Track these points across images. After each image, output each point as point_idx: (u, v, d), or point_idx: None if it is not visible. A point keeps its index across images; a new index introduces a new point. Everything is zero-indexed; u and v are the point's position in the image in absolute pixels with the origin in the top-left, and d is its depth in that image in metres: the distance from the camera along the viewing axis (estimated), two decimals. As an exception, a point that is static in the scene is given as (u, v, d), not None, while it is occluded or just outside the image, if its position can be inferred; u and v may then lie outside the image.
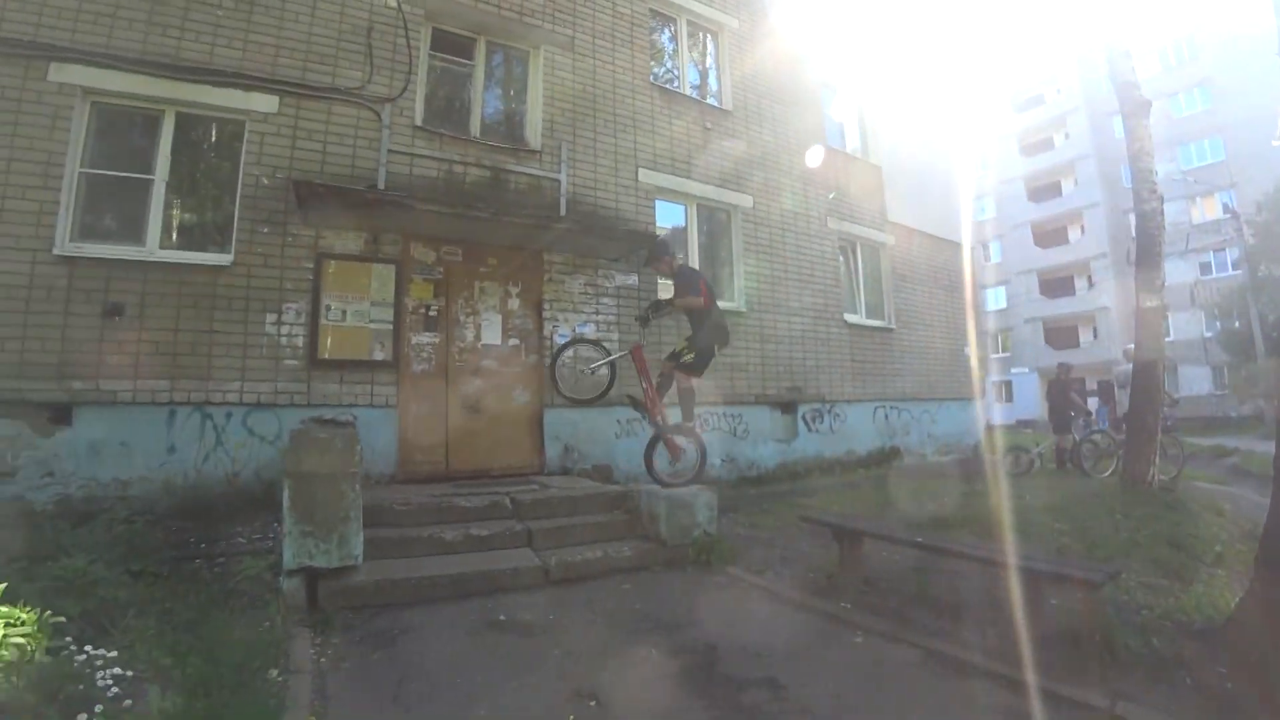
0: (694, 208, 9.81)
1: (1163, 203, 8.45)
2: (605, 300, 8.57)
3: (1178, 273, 29.95)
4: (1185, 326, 33.68)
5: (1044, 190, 42.10)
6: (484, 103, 8.50)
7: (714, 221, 10.17)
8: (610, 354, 7.10)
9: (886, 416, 11.79)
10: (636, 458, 8.34)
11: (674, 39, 10.36)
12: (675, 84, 10.17)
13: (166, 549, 5.10)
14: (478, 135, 8.23)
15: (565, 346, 7.41)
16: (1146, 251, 8.26)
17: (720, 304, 9.65)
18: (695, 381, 6.82)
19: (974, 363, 13.92)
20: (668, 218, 9.59)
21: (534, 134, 8.48)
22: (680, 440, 6.65)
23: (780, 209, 10.61)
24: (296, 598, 4.34)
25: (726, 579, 5.42)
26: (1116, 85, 8.67)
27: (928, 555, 5.11)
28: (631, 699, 3.39)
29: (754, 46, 10.86)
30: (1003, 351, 41.95)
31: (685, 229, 9.77)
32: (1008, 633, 3.93)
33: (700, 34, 10.71)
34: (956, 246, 14.12)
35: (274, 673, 3.51)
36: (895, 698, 3.45)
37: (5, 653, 2.57)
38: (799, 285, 10.62)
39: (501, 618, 4.42)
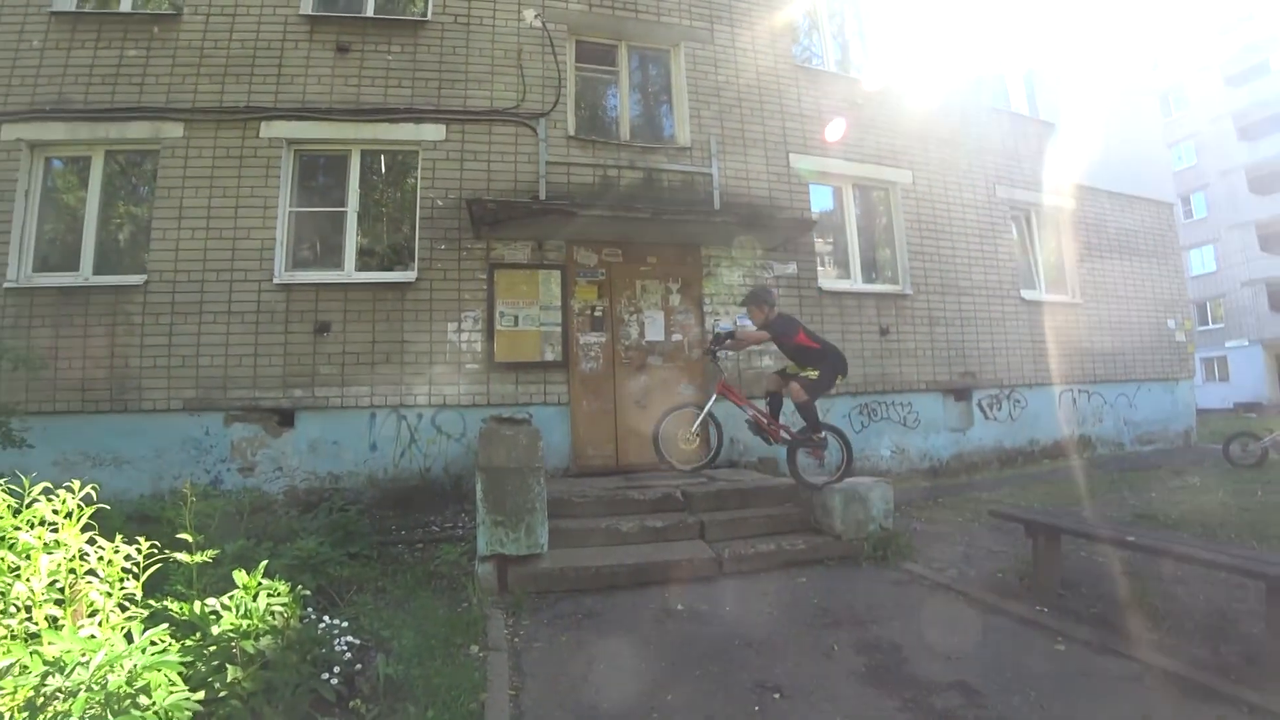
0: (849, 188, 9.39)
1: None
2: (765, 292, 8.42)
3: None
4: None
5: (1260, 125, 34.75)
6: (631, 106, 8.69)
7: (871, 201, 9.68)
8: (703, 407, 6.21)
9: (1075, 401, 10.61)
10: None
11: (810, 15, 9.93)
12: (818, 62, 9.79)
13: (373, 534, 5.72)
14: (628, 138, 8.44)
15: (662, 421, 6.29)
16: None
17: (884, 286, 9.33)
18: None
19: (1181, 337, 12.20)
20: (821, 201, 9.27)
21: (682, 131, 8.54)
22: (815, 440, 6.13)
23: (942, 181, 9.88)
24: (489, 582, 4.67)
25: (906, 576, 5.14)
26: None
27: (1139, 557, 4.56)
28: (816, 694, 3.28)
29: (897, 9, 10.19)
30: (1214, 323, 35.68)
31: (841, 212, 9.38)
32: (1251, 652, 3.39)
33: (838, 2, 10.20)
34: (1153, 205, 12.34)
35: (475, 649, 3.79)
36: (1110, 716, 3.05)
37: (272, 618, 2.97)
38: (968, 262, 9.84)
39: (679, 607, 4.47)
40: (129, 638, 2.22)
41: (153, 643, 2.13)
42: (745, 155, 8.61)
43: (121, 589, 2.56)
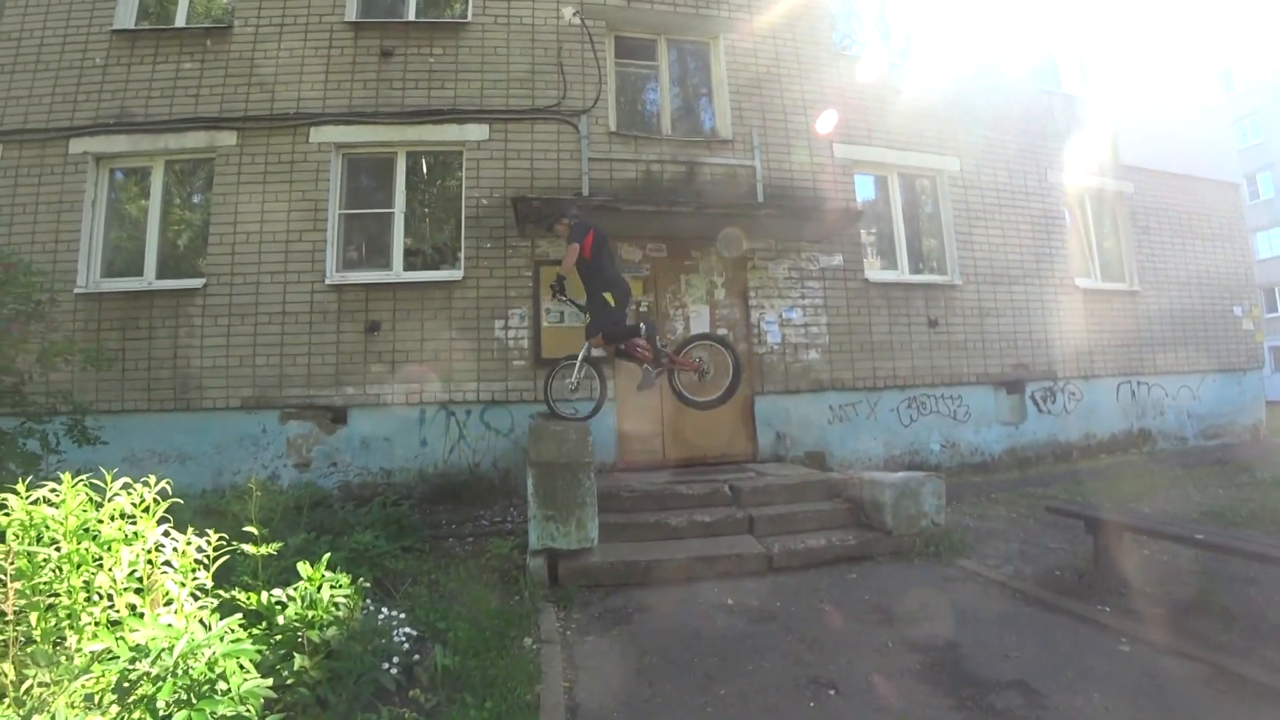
0: (894, 177, 9.19)
1: None
2: (810, 284, 8.32)
3: None
4: None
5: (1330, 98, 33.13)
6: (671, 100, 8.65)
7: (917, 190, 9.47)
8: (577, 356, 6.37)
9: (1133, 394, 10.19)
10: (851, 444, 8.12)
11: (849, 0, 9.71)
12: (859, 48, 9.57)
13: (425, 528, 5.84)
14: (669, 132, 8.41)
15: (551, 374, 6.64)
16: None
17: (932, 277, 9.12)
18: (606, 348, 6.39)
19: (1249, 325, 11.61)
20: (865, 191, 9.09)
21: (723, 123, 8.47)
22: (695, 354, 6.32)
23: (991, 167, 9.60)
24: (540, 575, 4.73)
25: (960, 573, 5.03)
26: None
27: (1207, 556, 4.39)
28: (872, 691, 3.24)
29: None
30: (1282, 310, 34.07)
31: (886, 202, 9.18)
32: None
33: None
34: (1217, 185, 11.70)
35: (528, 641, 3.85)
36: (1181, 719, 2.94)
37: (335, 609, 3.05)
38: (1020, 250, 9.54)
39: (729, 602, 4.46)
40: (205, 625, 2.30)
41: (227, 630, 2.21)
42: (788, 146, 8.49)
43: (193, 579, 2.66)
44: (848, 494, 5.96)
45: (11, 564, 2.13)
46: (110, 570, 2.38)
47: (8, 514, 2.36)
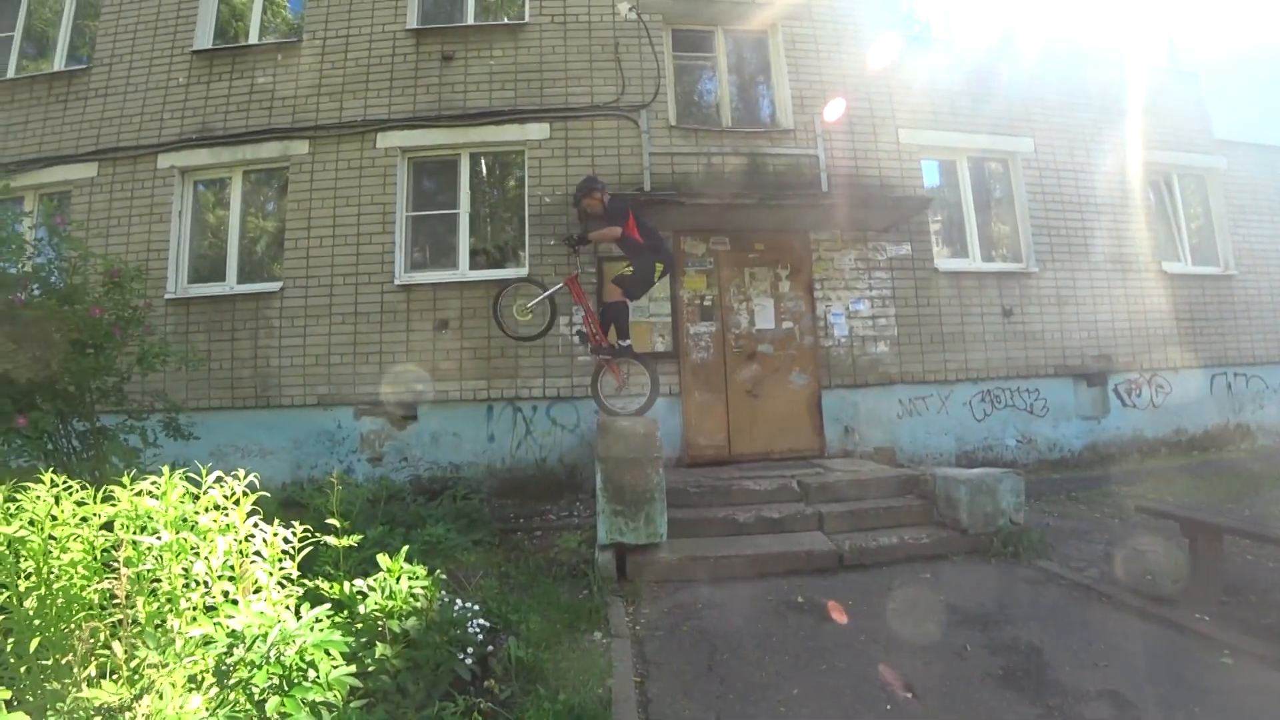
0: (963, 161, 8.81)
1: None
2: (878, 274, 8.08)
3: None
4: None
5: None
6: (730, 91, 8.54)
7: (988, 174, 9.07)
8: (546, 289, 6.72)
9: (1229, 385, 9.50)
10: (921, 439, 7.88)
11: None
12: (923, 29, 9.24)
13: (494, 522, 5.95)
14: (730, 124, 8.30)
15: (503, 288, 6.98)
16: None
17: (1005, 265, 8.74)
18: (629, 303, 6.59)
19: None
20: (932, 177, 8.76)
21: (784, 113, 8.29)
22: (623, 366, 6.64)
23: (1068, 147, 9.10)
24: (608, 570, 4.74)
25: (1041, 574, 4.81)
26: None
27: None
28: (950, 695, 3.12)
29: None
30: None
31: (956, 187, 8.81)
32: None
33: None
34: None
35: (598, 635, 3.87)
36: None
37: (414, 600, 3.12)
38: (1100, 234, 9.01)
39: (799, 600, 4.39)
40: (296, 613, 2.39)
41: (317, 620, 2.29)
42: (851, 134, 8.25)
43: (280, 568, 2.77)
44: (920, 490, 5.79)
45: (121, 551, 2.26)
46: (207, 559, 2.50)
47: (115, 505, 2.51)
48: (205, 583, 2.52)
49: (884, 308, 8.01)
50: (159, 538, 2.44)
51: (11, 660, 2.22)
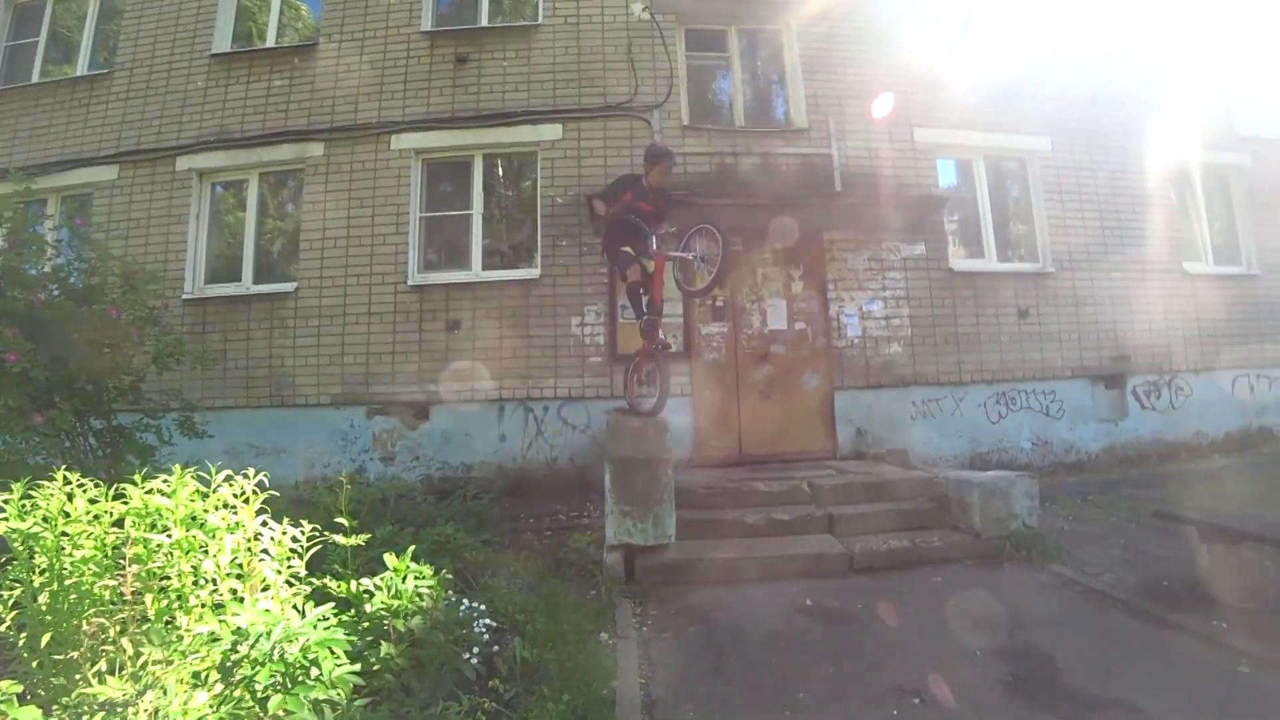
0: (979, 161, 8.71)
1: None
2: (892, 274, 8.01)
3: None
4: None
5: None
6: (744, 91, 8.52)
7: (1004, 173, 8.96)
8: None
9: (1252, 388, 9.29)
10: (934, 441, 7.80)
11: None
12: (936, 26, 9.09)
13: (504, 521, 5.94)
14: (743, 124, 8.28)
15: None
16: None
17: (1021, 265, 8.61)
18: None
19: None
20: (948, 176, 8.67)
21: (798, 112, 8.25)
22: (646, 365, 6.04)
23: (1086, 146, 8.95)
24: (616, 570, 4.73)
25: (1054, 579, 4.73)
26: None
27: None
28: (960, 701, 3.08)
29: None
30: None
31: (971, 186, 8.71)
32: None
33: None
34: None
35: (604, 636, 3.86)
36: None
37: (420, 599, 3.14)
38: (1119, 234, 8.87)
39: (808, 603, 4.35)
40: (300, 612, 2.42)
41: (321, 618, 2.31)
42: (866, 133, 8.19)
43: (288, 567, 2.80)
44: (932, 493, 5.73)
45: (130, 548, 2.29)
46: (215, 557, 2.53)
47: (126, 502, 2.55)
48: (214, 580, 2.55)
49: (898, 308, 7.95)
50: (169, 535, 2.47)
51: (24, 655, 2.27)
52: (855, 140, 8.18)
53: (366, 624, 2.94)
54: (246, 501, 2.69)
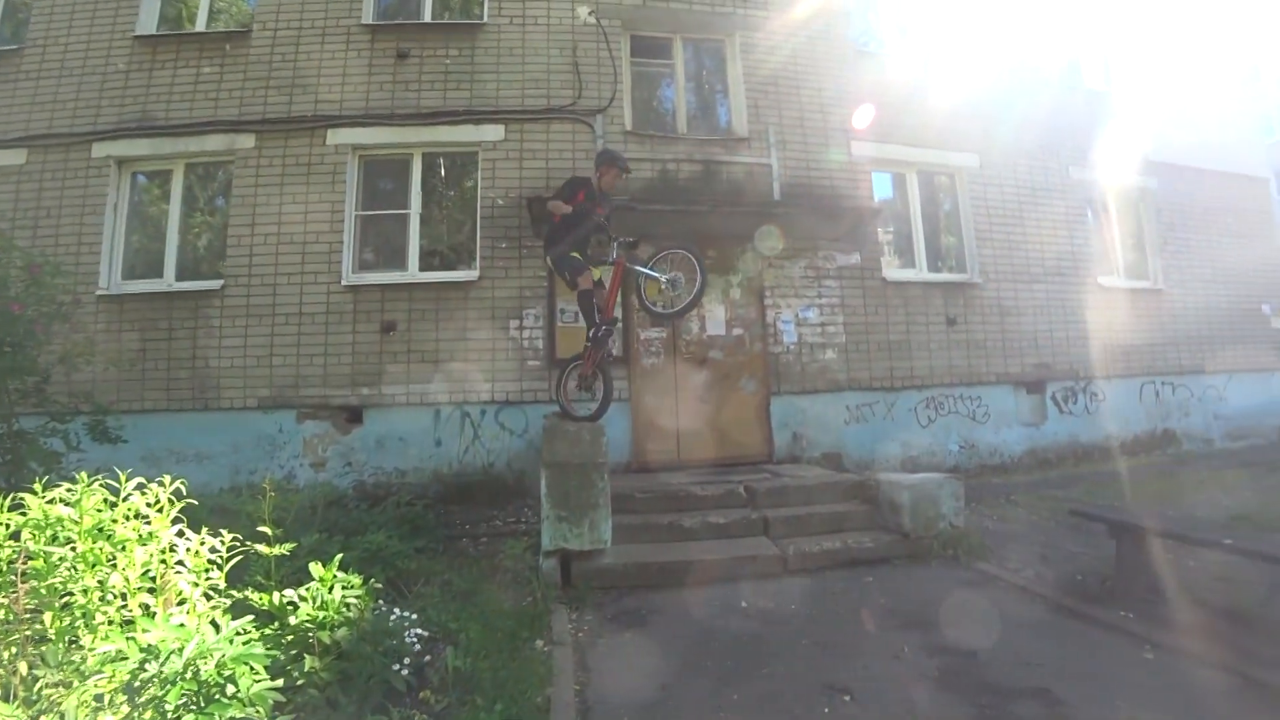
0: (913, 175, 9.06)
1: None
2: (828, 283, 8.22)
3: None
4: None
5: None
6: (687, 98, 8.60)
7: (935, 187, 9.33)
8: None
9: (1157, 394, 9.96)
10: (867, 445, 8.02)
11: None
12: (877, 45, 9.46)
13: (439, 528, 5.84)
14: (685, 131, 8.36)
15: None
16: None
17: (950, 275, 8.97)
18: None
19: (1279, 324, 11.29)
20: (883, 189, 8.98)
21: (739, 121, 8.39)
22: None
23: (1012, 164, 9.43)
24: (552, 576, 4.71)
25: (979, 576, 4.95)
26: None
27: (1237, 562, 4.26)
28: (888, 697, 3.19)
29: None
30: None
31: (905, 199, 9.04)
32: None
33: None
34: (1245, 180, 11.31)
35: (539, 643, 3.83)
36: (1207, 728, 2.84)
37: (347, 610, 3.06)
38: (1041, 248, 9.36)
39: (743, 605, 4.42)
40: (216, 626, 2.31)
41: (237, 632, 2.22)
42: (805, 144, 8.40)
43: (207, 579, 2.68)
44: (864, 495, 5.90)
45: (24, 563, 2.15)
46: (124, 570, 2.40)
47: (24, 513, 2.39)
48: (123, 595, 2.42)
49: (833, 316, 8.16)
50: (72, 548, 2.33)
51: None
52: (794, 151, 8.36)
53: (290, 637, 2.85)
54: (161, 511, 2.56)
